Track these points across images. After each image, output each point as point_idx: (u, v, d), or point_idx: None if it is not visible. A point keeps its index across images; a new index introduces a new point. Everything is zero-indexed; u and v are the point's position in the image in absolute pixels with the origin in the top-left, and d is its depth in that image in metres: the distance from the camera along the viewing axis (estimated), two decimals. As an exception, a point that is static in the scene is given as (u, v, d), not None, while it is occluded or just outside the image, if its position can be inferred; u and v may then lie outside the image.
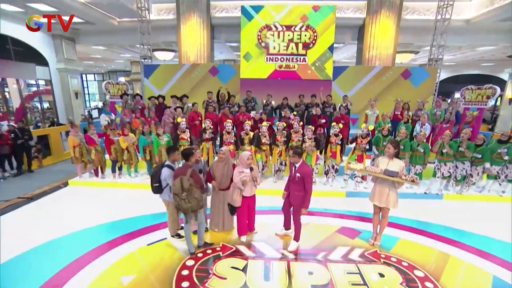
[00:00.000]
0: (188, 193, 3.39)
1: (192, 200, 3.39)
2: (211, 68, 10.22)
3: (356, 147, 5.92)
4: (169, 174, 3.69)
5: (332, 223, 4.80)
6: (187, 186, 3.37)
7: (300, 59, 9.99)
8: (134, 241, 4.20)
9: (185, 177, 3.44)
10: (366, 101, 9.35)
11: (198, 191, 3.43)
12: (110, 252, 3.90)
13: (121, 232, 4.45)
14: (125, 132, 6.20)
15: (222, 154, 4.04)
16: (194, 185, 3.42)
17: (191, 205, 3.40)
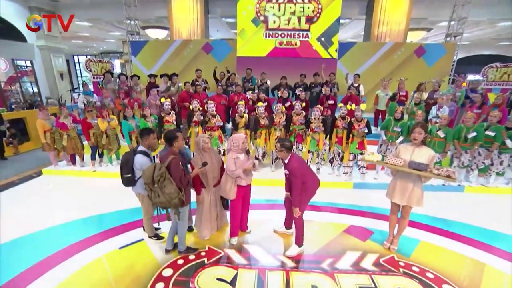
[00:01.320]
0: (158, 186, 2.70)
1: (162, 196, 2.70)
2: (204, 45, 9.28)
3: (353, 133, 5.14)
4: (145, 162, 2.98)
5: (339, 221, 4.12)
6: (158, 177, 2.66)
7: (303, 34, 9.06)
8: (107, 242, 3.54)
9: (160, 165, 2.74)
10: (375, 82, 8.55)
11: (171, 186, 2.72)
12: (74, 257, 3.24)
13: (93, 230, 3.80)
14: (104, 114, 5.42)
15: (207, 144, 3.25)
16: (168, 178, 2.71)
17: (161, 201, 2.72)
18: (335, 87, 6.94)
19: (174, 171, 2.76)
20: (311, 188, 3.20)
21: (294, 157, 3.12)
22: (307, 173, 3.15)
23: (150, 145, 3.07)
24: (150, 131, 3.04)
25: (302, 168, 3.09)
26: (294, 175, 3.04)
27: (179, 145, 2.88)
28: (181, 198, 2.79)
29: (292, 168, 3.05)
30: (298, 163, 3.08)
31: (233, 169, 3.19)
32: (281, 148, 3.06)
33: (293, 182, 3.08)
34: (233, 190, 3.26)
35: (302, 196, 3.12)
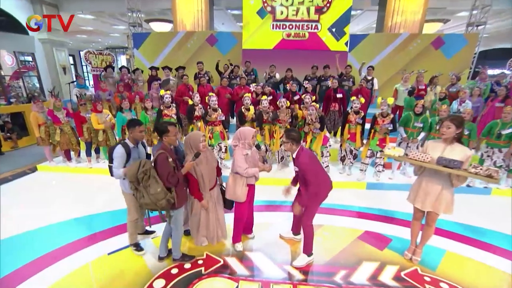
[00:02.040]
0: (143, 185, 2.37)
1: (147, 197, 2.37)
2: (209, 37, 8.90)
3: (376, 128, 4.71)
4: (120, 154, 2.61)
5: (352, 226, 3.71)
6: (141, 174, 2.33)
7: (312, 26, 8.59)
8: (96, 246, 3.23)
9: (145, 162, 2.41)
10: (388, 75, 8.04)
11: (157, 185, 2.37)
12: (58, 264, 2.93)
13: (83, 232, 3.49)
14: (98, 108, 5.10)
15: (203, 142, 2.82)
16: (153, 176, 2.36)
17: (145, 202, 2.39)
18: (350, 81, 6.49)
19: (160, 168, 2.40)
20: (323, 190, 2.81)
21: (304, 151, 2.72)
22: (319, 172, 2.75)
23: (135, 138, 2.69)
24: (136, 123, 2.67)
25: (313, 164, 2.69)
26: (304, 172, 2.65)
27: (170, 140, 2.52)
28: (170, 200, 2.43)
29: (301, 163, 2.65)
30: (309, 159, 2.68)
31: (244, 167, 2.81)
32: (287, 139, 2.68)
33: (303, 180, 2.69)
34: (244, 191, 2.89)
35: (311, 198, 2.74)
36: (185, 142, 2.83)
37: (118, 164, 2.60)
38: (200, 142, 2.74)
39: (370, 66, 6.56)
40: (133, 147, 2.70)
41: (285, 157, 5.53)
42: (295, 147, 2.70)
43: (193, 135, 2.82)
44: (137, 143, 2.77)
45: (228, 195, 2.97)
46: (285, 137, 2.69)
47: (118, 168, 2.61)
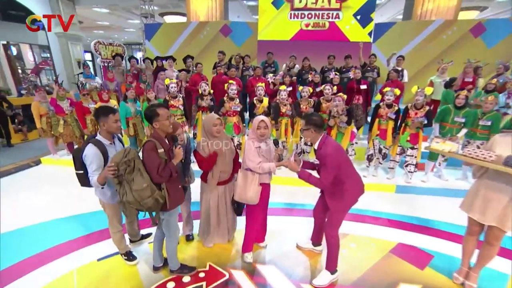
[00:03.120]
0: (125, 179, 1.93)
1: (130, 194, 1.92)
2: (222, 27, 8.44)
3: (407, 122, 4.08)
4: (92, 156, 2.09)
5: (383, 236, 3.13)
6: (123, 165, 1.90)
7: (333, 15, 7.96)
8: (86, 249, 2.85)
9: (129, 150, 1.98)
10: (418, 67, 7.25)
11: (141, 181, 1.92)
12: (41, 269, 2.56)
13: (75, 233, 3.13)
14: (103, 97, 4.77)
15: (216, 126, 2.43)
16: (138, 168, 1.93)
17: (128, 200, 1.94)
18: (374, 72, 5.84)
19: (147, 158, 1.96)
20: (352, 193, 2.27)
21: (328, 140, 2.20)
22: (346, 168, 2.22)
23: (110, 131, 2.20)
24: (108, 110, 2.16)
25: (339, 157, 2.15)
26: (327, 167, 2.11)
27: (162, 126, 2.04)
28: (158, 199, 1.97)
29: (325, 156, 2.11)
30: (335, 150, 2.14)
31: (257, 161, 2.33)
32: (308, 125, 2.17)
33: (322, 176, 2.15)
34: (257, 191, 2.40)
35: (336, 200, 2.22)
36: (201, 125, 2.45)
37: (95, 168, 2.10)
38: (213, 125, 2.37)
39: (400, 55, 5.87)
40: (109, 143, 2.21)
41: (305, 152, 4.98)
42: (316, 134, 2.18)
43: (208, 117, 2.45)
44: (113, 138, 2.28)
45: (238, 197, 2.48)
46: (305, 123, 2.18)
47: (96, 174, 2.09)
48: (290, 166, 2.26)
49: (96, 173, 2.09)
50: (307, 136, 2.24)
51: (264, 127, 2.38)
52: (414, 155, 4.20)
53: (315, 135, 2.20)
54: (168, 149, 2.09)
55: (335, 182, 2.18)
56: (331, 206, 2.31)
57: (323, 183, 2.15)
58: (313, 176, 2.22)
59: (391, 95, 4.10)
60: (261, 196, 2.44)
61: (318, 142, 2.21)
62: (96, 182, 2.08)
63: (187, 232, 3.00)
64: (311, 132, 2.19)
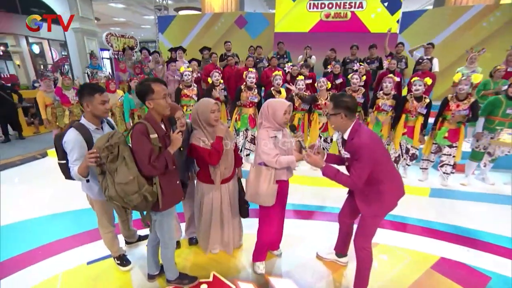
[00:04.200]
0: (108, 169, 1.57)
1: (112, 187, 1.56)
2: (237, 18, 8.08)
3: (445, 116, 3.53)
4: (73, 143, 1.75)
5: (420, 247, 2.63)
6: (104, 152, 1.54)
7: (355, 4, 7.41)
8: (78, 250, 2.54)
9: (113, 133, 1.62)
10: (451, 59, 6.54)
11: (126, 172, 1.55)
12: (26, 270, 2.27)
13: (73, 229, 2.85)
14: (111, 87, 4.51)
15: (218, 111, 2.06)
16: (123, 156, 1.56)
17: (110, 195, 1.58)
18: (402, 62, 5.28)
19: (135, 144, 1.58)
20: (391, 195, 1.82)
21: (362, 128, 1.76)
22: (385, 164, 1.77)
23: (95, 114, 1.84)
24: (94, 89, 1.81)
25: (376, 149, 1.71)
26: (358, 160, 1.67)
27: (157, 106, 1.65)
28: (147, 197, 1.59)
29: (357, 146, 1.68)
30: (370, 139, 1.70)
31: (274, 154, 1.91)
32: (337, 108, 1.73)
33: (355, 173, 1.69)
34: (272, 190, 1.97)
35: (371, 204, 1.78)
36: (192, 114, 2.06)
37: (75, 157, 1.74)
38: (211, 111, 1.99)
39: (429, 43, 5.26)
40: (95, 128, 1.86)
41: (325, 149, 4.49)
42: (347, 120, 1.73)
43: (202, 102, 2.05)
44: (102, 123, 1.94)
45: (250, 197, 2.07)
46: (334, 105, 1.74)
47: (76, 163, 1.74)
48: (312, 160, 1.82)
49: (78, 163, 1.75)
50: (335, 123, 1.79)
51: (289, 112, 1.97)
52: (452, 154, 3.63)
53: (345, 122, 1.76)
54: (164, 135, 1.71)
55: (370, 181, 1.73)
56: (363, 210, 1.85)
57: (355, 182, 1.70)
58: (342, 173, 1.77)
59: (420, 85, 3.55)
60: (277, 196, 2.02)
61: (349, 130, 1.77)
62: (77, 174, 1.72)
63: (190, 235, 2.63)
64: (341, 117, 1.74)
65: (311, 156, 1.81)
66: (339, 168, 1.81)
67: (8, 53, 12.82)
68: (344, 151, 1.82)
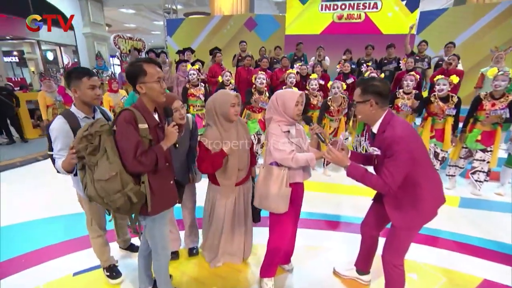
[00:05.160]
0: (87, 162, 1.31)
1: (91, 185, 1.31)
2: (247, 21, 7.92)
3: (478, 117, 3.16)
4: (58, 129, 1.55)
5: (454, 266, 2.24)
6: (83, 142, 1.29)
7: (370, 4, 7.15)
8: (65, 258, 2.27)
9: (96, 120, 1.36)
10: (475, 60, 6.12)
11: (106, 166, 1.28)
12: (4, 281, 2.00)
13: (67, 235, 2.61)
14: (113, 86, 4.33)
15: (238, 105, 1.80)
16: (104, 147, 1.30)
17: (89, 195, 1.32)
18: (424, 62, 4.94)
19: (120, 134, 1.32)
20: (430, 201, 1.49)
21: (395, 119, 1.44)
22: (423, 163, 1.45)
23: (85, 100, 1.62)
24: (82, 73, 1.59)
25: (414, 144, 1.39)
26: (393, 157, 1.35)
27: (150, 91, 1.37)
28: (131, 198, 1.31)
29: (391, 140, 1.36)
30: (407, 132, 1.38)
31: (289, 150, 1.63)
32: (365, 95, 1.44)
33: (388, 173, 1.37)
34: (285, 194, 1.67)
35: (406, 212, 1.45)
36: (207, 106, 1.82)
37: (59, 147, 1.54)
38: (231, 105, 1.74)
39: (450, 42, 4.92)
40: (84, 117, 1.63)
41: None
42: (379, 109, 1.41)
43: (221, 94, 1.81)
44: (94, 111, 1.71)
45: (259, 202, 1.78)
46: (362, 91, 1.44)
47: (60, 155, 1.54)
48: (335, 157, 1.50)
49: (63, 153, 1.53)
50: (363, 113, 1.48)
51: (302, 103, 1.69)
52: (486, 159, 3.24)
53: (375, 111, 1.44)
54: (156, 127, 1.43)
55: (405, 183, 1.40)
56: (396, 220, 1.52)
57: (388, 184, 1.37)
58: (371, 173, 1.45)
59: (445, 84, 3.19)
60: (291, 201, 1.70)
61: (379, 122, 1.45)
62: (61, 167, 1.49)
63: (190, 245, 2.32)
64: (370, 105, 1.43)
65: (334, 152, 1.49)
66: (366, 168, 1.49)
67: (24, 60, 13.14)
68: (373, 147, 1.49)
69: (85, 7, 10.68)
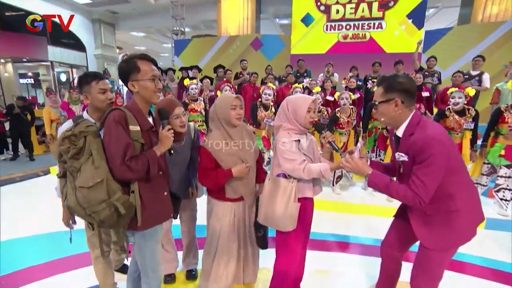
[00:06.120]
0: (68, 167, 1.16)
1: (71, 192, 1.13)
2: (253, 41, 8.05)
3: (500, 130, 2.97)
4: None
5: (493, 297, 1.95)
6: (65, 142, 1.13)
7: (375, 24, 7.23)
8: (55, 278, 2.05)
9: (83, 122, 1.20)
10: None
11: (90, 172, 1.11)
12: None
13: (52, 254, 2.39)
14: (118, 102, 4.30)
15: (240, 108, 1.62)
16: (90, 149, 1.14)
17: (69, 205, 1.14)
18: (434, 77, 4.83)
19: (107, 134, 1.16)
20: (468, 217, 1.28)
21: (425, 120, 1.27)
22: (459, 170, 1.26)
23: (96, 105, 1.51)
24: (90, 77, 1.50)
25: (450, 150, 1.19)
26: (424, 163, 1.17)
27: (143, 90, 1.24)
28: (118, 208, 1.12)
29: (424, 142, 1.17)
30: (440, 132, 1.21)
31: (300, 160, 1.47)
32: (389, 93, 1.27)
33: (418, 182, 1.18)
34: (293, 210, 1.49)
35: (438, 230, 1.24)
36: (211, 113, 1.68)
37: None
38: (231, 107, 1.57)
39: (479, 56, 4.76)
40: (94, 123, 1.51)
41: (347, 175, 3.93)
42: (405, 109, 1.25)
43: (221, 97, 1.66)
44: None
45: (264, 219, 1.58)
46: (383, 90, 1.28)
47: None
48: (354, 165, 1.32)
49: None
50: (386, 114, 1.31)
51: (314, 110, 1.54)
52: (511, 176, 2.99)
53: (401, 111, 1.27)
54: (149, 130, 1.29)
55: (438, 195, 1.20)
56: (426, 240, 1.30)
57: (419, 195, 1.17)
58: (397, 183, 1.26)
59: (461, 97, 3.03)
60: (300, 219, 1.50)
61: (406, 124, 1.27)
62: None
63: (188, 266, 2.09)
64: (395, 105, 1.26)
65: (354, 160, 1.31)
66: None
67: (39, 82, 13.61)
68: (399, 153, 1.30)
69: (98, 30, 11.17)
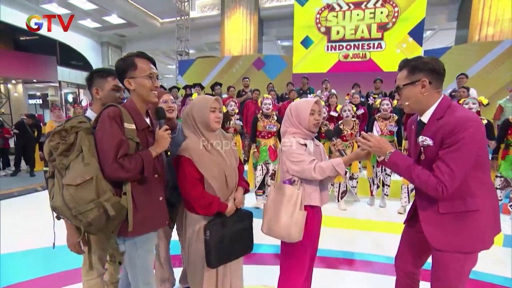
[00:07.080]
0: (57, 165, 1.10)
1: (57, 191, 1.06)
2: (255, 60, 8.24)
3: (509, 141, 2.93)
4: None
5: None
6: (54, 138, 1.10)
7: (374, 45, 7.43)
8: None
9: (77, 117, 1.19)
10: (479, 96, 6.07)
11: (83, 170, 1.04)
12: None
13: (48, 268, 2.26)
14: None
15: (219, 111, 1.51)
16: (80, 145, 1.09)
17: (55, 206, 1.06)
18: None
19: (100, 131, 1.12)
20: (488, 219, 1.17)
21: (455, 104, 1.18)
22: (485, 167, 1.17)
23: (106, 103, 1.37)
24: (107, 73, 1.44)
25: (481, 139, 1.10)
26: (453, 148, 1.07)
27: (140, 88, 1.21)
28: (107, 210, 1.04)
29: (455, 124, 1.07)
30: (473, 121, 1.08)
31: (309, 160, 1.39)
32: (414, 74, 1.17)
33: (444, 168, 1.08)
34: (299, 219, 1.38)
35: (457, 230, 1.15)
36: (183, 115, 1.55)
37: None
38: (209, 109, 1.44)
39: (462, 73, 4.87)
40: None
41: (351, 191, 3.82)
42: (433, 91, 1.16)
43: (198, 99, 1.55)
44: None
45: (266, 228, 1.47)
46: (408, 72, 1.18)
47: None
48: (375, 142, 1.22)
49: None
50: (411, 98, 1.19)
51: (319, 113, 1.48)
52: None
53: (429, 94, 1.16)
54: (146, 130, 1.24)
55: (458, 191, 1.10)
56: (437, 240, 1.19)
57: (443, 182, 1.07)
58: (420, 167, 1.16)
59: (474, 103, 3.00)
60: (306, 229, 1.40)
61: (434, 107, 1.18)
62: None
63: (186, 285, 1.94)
64: (422, 86, 1.16)
65: (374, 137, 1.22)
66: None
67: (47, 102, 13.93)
68: (422, 137, 1.19)
69: (106, 52, 11.57)
